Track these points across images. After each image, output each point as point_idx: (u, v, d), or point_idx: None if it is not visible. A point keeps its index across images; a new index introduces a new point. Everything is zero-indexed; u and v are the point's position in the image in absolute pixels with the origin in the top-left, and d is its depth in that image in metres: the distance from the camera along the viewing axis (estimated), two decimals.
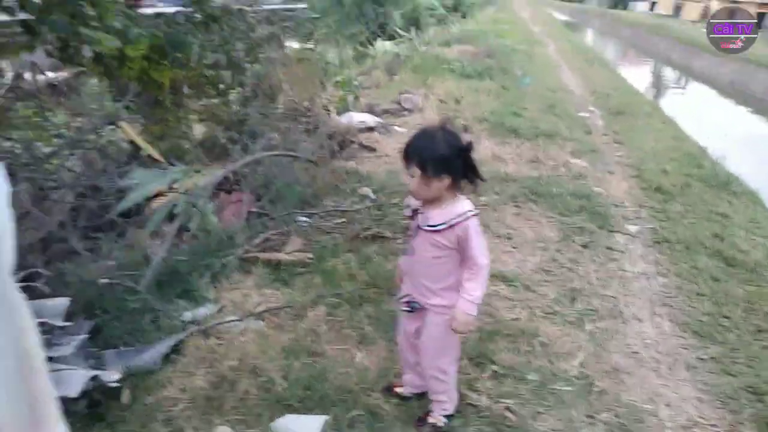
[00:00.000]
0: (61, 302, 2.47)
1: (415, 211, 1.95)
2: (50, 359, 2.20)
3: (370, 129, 6.38)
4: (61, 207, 3.98)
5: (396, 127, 6.63)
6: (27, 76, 6.38)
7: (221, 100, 6.08)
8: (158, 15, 8.03)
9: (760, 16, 26.70)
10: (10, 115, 6.00)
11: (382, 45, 13.48)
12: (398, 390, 2.38)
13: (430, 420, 2.23)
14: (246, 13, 6.20)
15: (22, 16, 3.97)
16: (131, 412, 2.28)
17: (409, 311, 2.09)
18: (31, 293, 2.57)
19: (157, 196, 4.09)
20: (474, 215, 1.85)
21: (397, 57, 11.52)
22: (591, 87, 11.82)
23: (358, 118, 6.57)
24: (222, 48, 5.81)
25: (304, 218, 4.16)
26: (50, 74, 7.19)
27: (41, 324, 2.25)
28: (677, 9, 44.24)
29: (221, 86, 5.95)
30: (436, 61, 11.00)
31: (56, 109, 6.76)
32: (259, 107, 6.07)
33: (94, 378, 2.23)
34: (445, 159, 1.78)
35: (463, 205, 1.86)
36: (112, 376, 2.30)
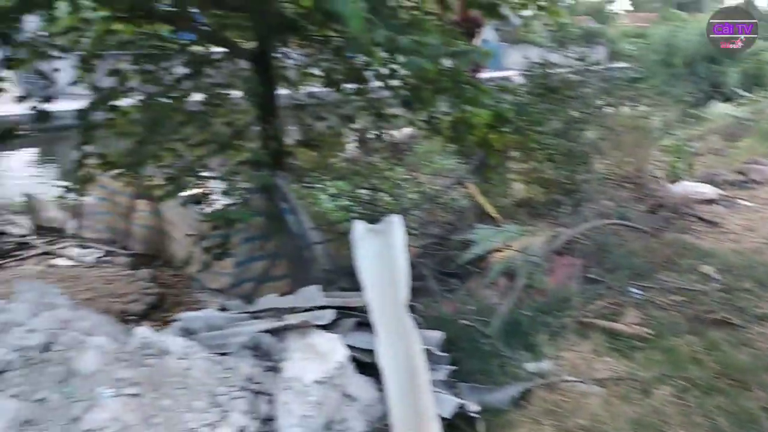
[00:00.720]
0: (438, 334, 2.95)
1: None
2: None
3: (710, 201, 5.89)
4: (417, 251, 4.72)
5: (742, 201, 5.97)
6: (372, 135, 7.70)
7: (550, 165, 6.37)
8: (489, 81, 8.87)
9: None
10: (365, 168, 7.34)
11: (718, 107, 12.25)
12: None
13: None
14: (583, 84, 6.44)
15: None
16: None
17: None
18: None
19: (495, 251, 4.53)
20: None
21: (737, 121, 10.34)
22: None
23: (694, 187, 6.14)
24: (558, 116, 6.14)
25: (637, 290, 4.07)
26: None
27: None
28: None
29: (552, 151, 6.25)
30: None
31: (398, 164, 8.00)
32: (586, 172, 6.18)
33: (461, 406, 2.61)
34: None
35: None
36: (473, 407, 2.65)
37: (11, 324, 2.47)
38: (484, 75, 11.74)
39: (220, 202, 5.69)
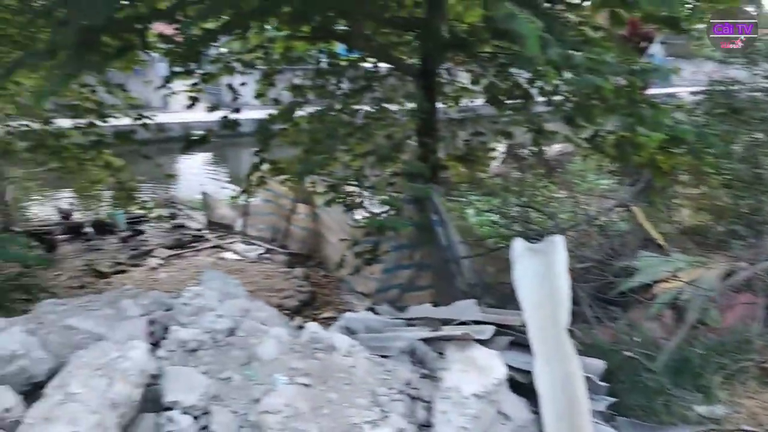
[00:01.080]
0: (599, 363, 2.82)
1: None
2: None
3: None
4: (573, 274, 4.54)
5: None
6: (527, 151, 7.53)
7: (727, 191, 5.80)
8: (654, 98, 8.26)
9: None
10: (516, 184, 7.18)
11: None
12: None
13: None
14: None
15: None
16: None
17: None
18: None
19: (661, 280, 4.21)
20: None
21: None
22: None
23: None
24: (741, 138, 5.59)
25: None
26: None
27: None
28: None
29: (730, 177, 5.69)
30: None
31: (550, 182, 7.75)
32: None
33: None
34: None
35: None
36: None
37: (205, 308, 2.80)
38: (650, 91, 11.01)
39: (371, 210, 5.95)
